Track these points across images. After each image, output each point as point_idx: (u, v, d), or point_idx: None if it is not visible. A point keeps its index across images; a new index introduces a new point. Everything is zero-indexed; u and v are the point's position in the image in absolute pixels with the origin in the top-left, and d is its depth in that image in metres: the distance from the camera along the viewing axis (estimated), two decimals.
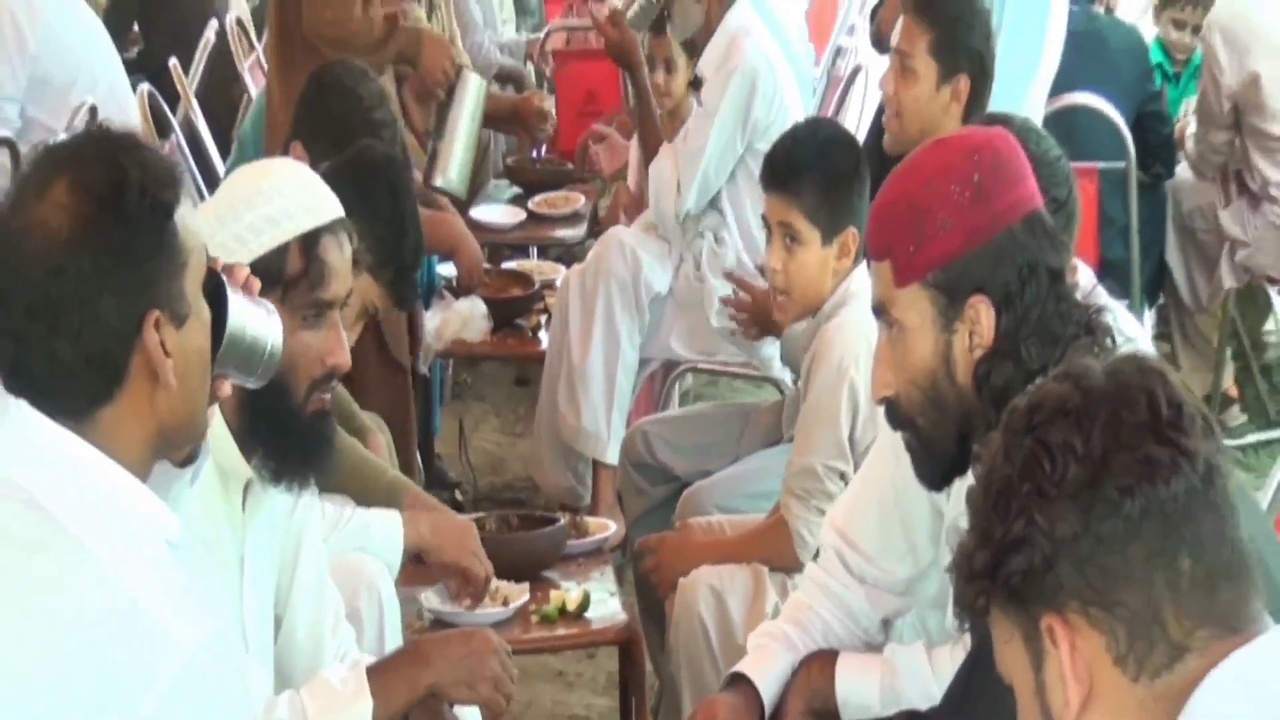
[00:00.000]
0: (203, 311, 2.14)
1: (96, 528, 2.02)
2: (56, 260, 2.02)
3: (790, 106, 5.32)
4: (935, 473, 2.72)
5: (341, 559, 3.17)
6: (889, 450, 3.16)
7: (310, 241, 2.78)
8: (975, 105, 4.12)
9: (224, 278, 2.24)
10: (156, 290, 2.06)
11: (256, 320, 2.30)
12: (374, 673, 2.87)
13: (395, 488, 3.76)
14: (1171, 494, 1.63)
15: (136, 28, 7.74)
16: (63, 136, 5.13)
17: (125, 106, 6.29)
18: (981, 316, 2.51)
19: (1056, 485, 1.65)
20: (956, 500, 3.06)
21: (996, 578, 1.68)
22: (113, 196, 2.03)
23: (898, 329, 2.57)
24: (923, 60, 4.10)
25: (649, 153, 5.49)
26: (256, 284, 2.38)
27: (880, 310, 2.60)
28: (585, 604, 3.82)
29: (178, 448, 2.21)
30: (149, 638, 1.96)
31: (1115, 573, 1.63)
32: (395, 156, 4.15)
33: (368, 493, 3.70)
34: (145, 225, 2.05)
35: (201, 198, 5.80)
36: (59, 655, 1.94)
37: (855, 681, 3.02)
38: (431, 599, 3.73)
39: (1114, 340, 2.58)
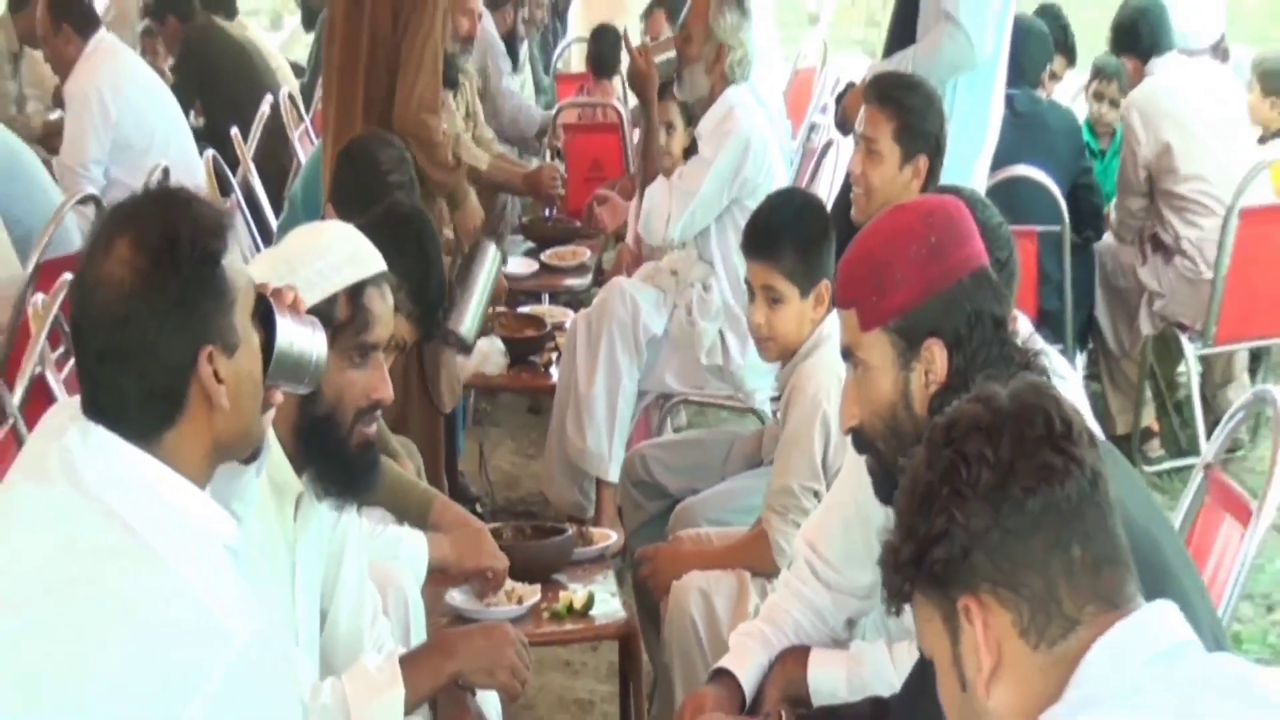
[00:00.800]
0: (251, 338, 2.16)
1: (164, 535, 2.03)
2: (121, 310, 2.04)
3: (775, 172, 5.35)
4: (892, 491, 2.73)
5: (374, 565, 3.16)
6: (852, 474, 3.18)
7: (356, 292, 2.80)
8: (931, 178, 4.14)
9: (272, 302, 2.26)
10: (209, 327, 2.08)
11: (302, 337, 2.31)
12: (405, 661, 2.87)
13: (426, 499, 3.77)
14: (1065, 494, 1.71)
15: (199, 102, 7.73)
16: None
17: (193, 169, 6.33)
18: (936, 357, 2.53)
19: (971, 488, 1.72)
20: None
21: (921, 566, 1.75)
22: (167, 251, 2.05)
23: (863, 368, 2.58)
24: (887, 145, 4.10)
25: (648, 174, 5.50)
26: (303, 303, 2.39)
27: (848, 353, 2.61)
28: (590, 603, 3.83)
29: (236, 456, 2.22)
30: (206, 632, 1.96)
31: (1020, 560, 1.70)
32: (422, 211, 4.16)
33: (402, 505, 3.72)
34: (196, 274, 2.06)
35: (257, 248, 5.84)
36: (126, 651, 1.94)
37: (825, 672, 3.04)
38: (455, 597, 3.74)
39: (1049, 378, 2.60)
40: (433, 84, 5.11)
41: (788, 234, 3.86)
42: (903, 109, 4.15)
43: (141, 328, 2.04)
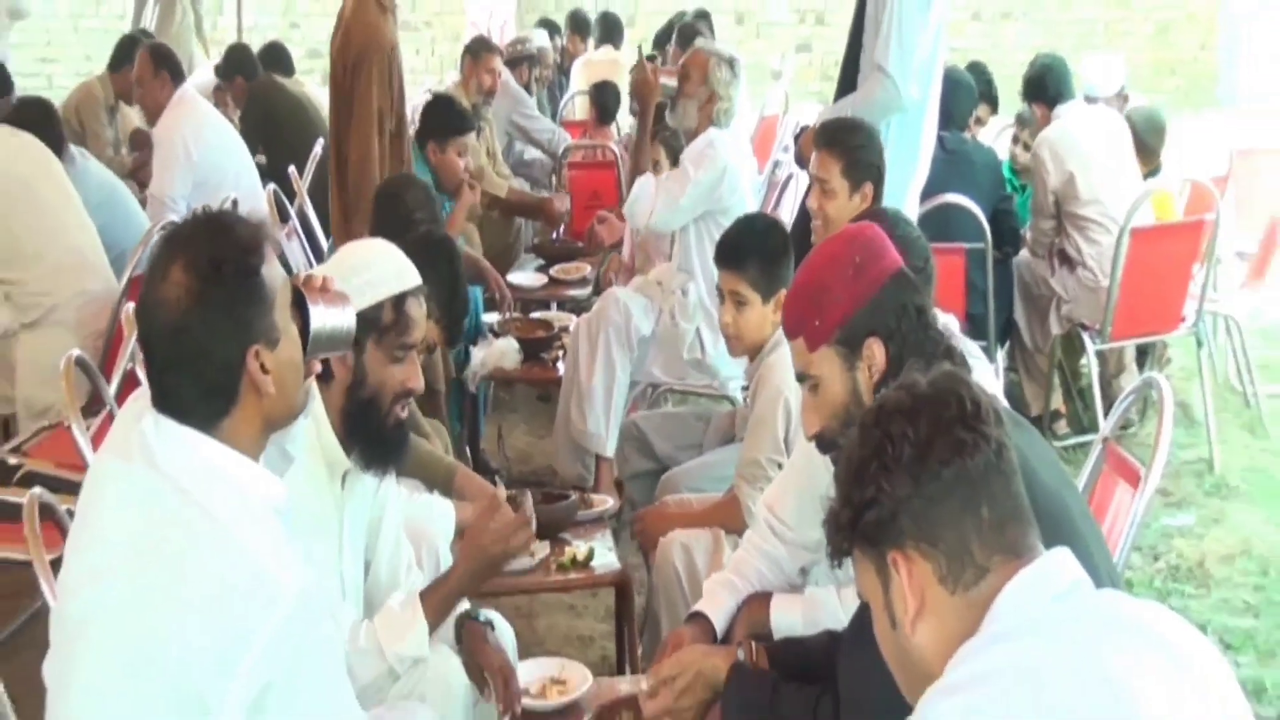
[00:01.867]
0: (290, 329, 2.17)
1: (224, 506, 2.04)
2: (178, 324, 2.06)
3: (745, 198, 5.34)
4: None
5: (410, 526, 3.17)
6: (804, 453, 3.22)
7: (400, 301, 2.86)
8: (876, 199, 4.16)
9: (304, 291, 2.28)
10: (254, 329, 2.10)
11: (332, 316, 2.32)
12: (425, 595, 2.91)
13: (450, 471, 3.78)
14: (975, 465, 1.73)
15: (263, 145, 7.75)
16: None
17: (257, 200, 6.35)
18: (875, 353, 2.56)
19: (896, 461, 1.75)
20: None
21: (856, 527, 1.78)
22: (213, 271, 2.06)
23: (816, 384, 2.60)
24: (837, 181, 4.13)
25: (639, 167, 5.49)
26: (332, 281, 2.42)
27: (802, 377, 2.63)
28: (590, 556, 3.85)
29: (285, 425, 2.24)
30: (260, 591, 1.97)
31: (938, 520, 1.72)
32: (449, 239, 4.18)
33: (431, 476, 3.73)
34: (239, 287, 2.08)
35: (310, 265, 5.84)
36: (193, 609, 1.96)
37: (785, 613, 3.06)
38: None
39: (963, 358, 2.62)
40: (366, 132, 5.28)
41: (753, 249, 3.87)
42: (846, 148, 4.17)
43: (196, 338, 2.06)
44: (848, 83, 5.15)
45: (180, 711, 1.95)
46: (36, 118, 5.67)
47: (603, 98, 9.25)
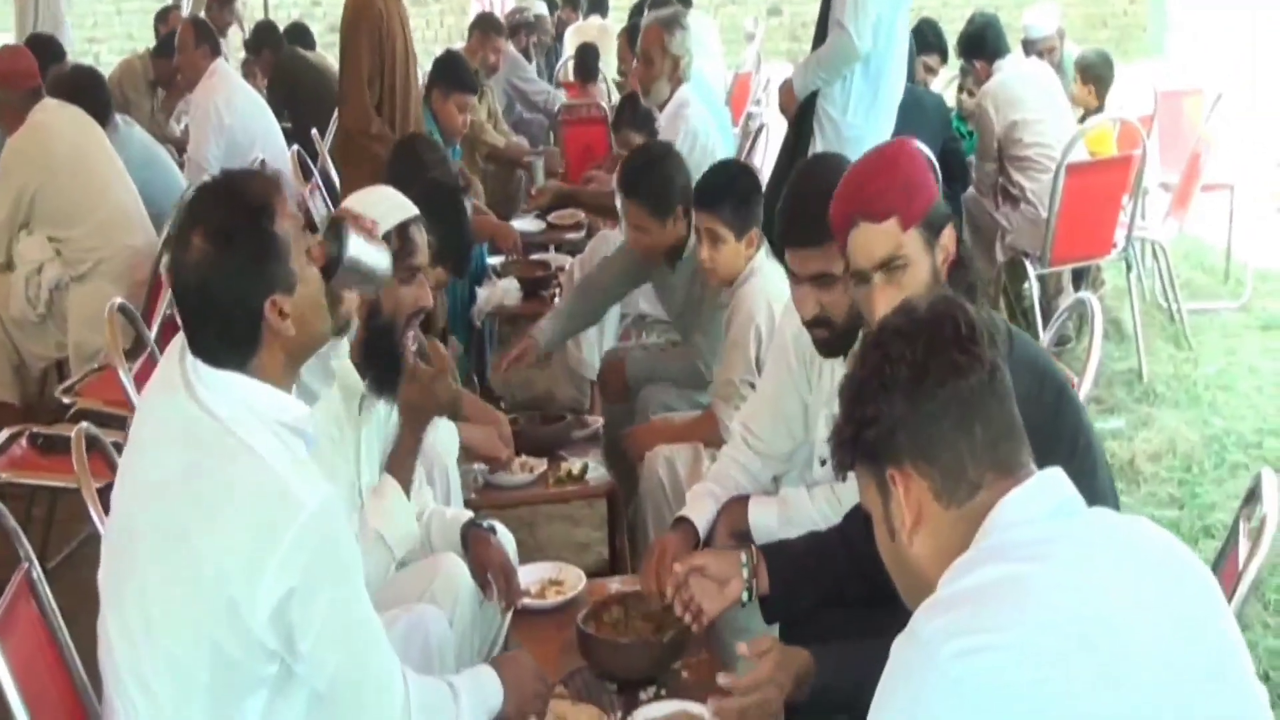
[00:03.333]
0: (308, 271, 2.14)
1: (253, 431, 2.05)
2: (200, 284, 2.06)
3: (715, 152, 5.28)
4: None
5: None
6: (774, 372, 3.19)
7: (403, 229, 2.86)
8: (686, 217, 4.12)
9: (348, 223, 2.29)
10: (270, 280, 2.08)
11: (370, 253, 2.29)
12: (389, 471, 2.89)
13: (457, 395, 3.75)
14: (970, 386, 1.65)
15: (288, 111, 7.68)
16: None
17: (282, 160, 6.29)
18: (948, 238, 2.42)
19: (894, 382, 1.67)
20: (816, 396, 3.07)
21: (857, 444, 1.71)
22: (225, 237, 2.05)
23: (904, 264, 2.38)
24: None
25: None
26: (375, 224, 2.45)
27: (886, 261, 2.39)
28: (584, 471, 3.84)
29: (314, 353, 2.24)
30: (285, 502, 1.99)
31: (934, 438, 1.65)
32: (455, 185, 4.13)
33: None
34: (252, 245, 2.07)
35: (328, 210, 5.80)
36: (228, 519, 1.99)
37: (762, 512, 3.04)
38: (482, 469, 3.75)
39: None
40: (356, 83, 5.21)
41: (726, 191, 3.80)
42: (647, 194, 4.14)
43: (217, 296, 2.06)
44: (819, 44, 5.11)
45: (215, 616, 1.99)
46: (87, 84, 5.68)
47: (583, 58, 9.26)
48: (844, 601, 2.51)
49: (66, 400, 4.46)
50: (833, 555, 2.58)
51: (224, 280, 2.05)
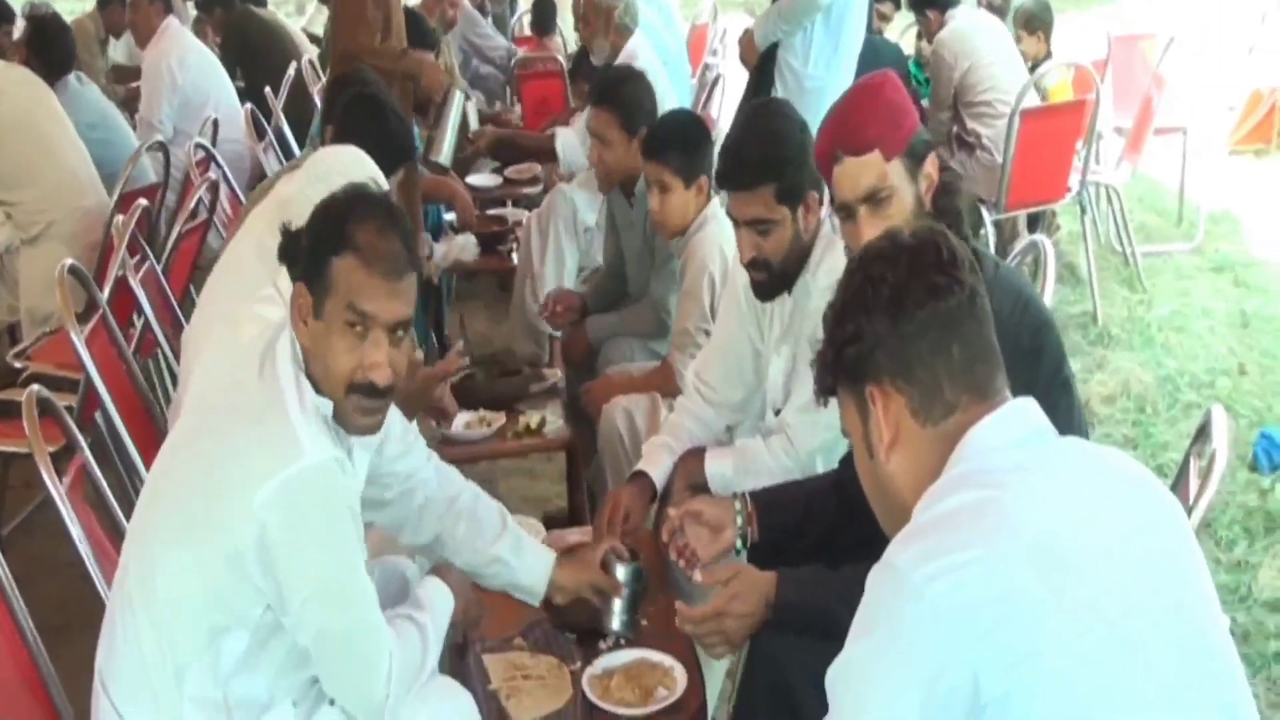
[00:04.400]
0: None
1: (290, 390, 2.12)
2: None
3: (665, 101, 5.22)
4: None
5: None
6: (725, 321, 3.17)
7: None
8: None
9: None
10: None
11: None
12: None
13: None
14: (949, 307, 1.67)
15: (241, 69, 7.56)
16: (197, 139, 5.08)
17: (236, 119, 6.21)
18: (931, 166, 2.41)
19: (875, 302, 1.69)
20: (767, 341, 3.05)
21: (839, 363, 1.72)
22: None
23: (889, 195, 2.38)
24: (615, 134, 4.04)
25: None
26: None
27: (871, 193, 2.39)
28: (542, 424, 3.82)
29: None
30: (286, 445, 2.03)
31: (912, 357, 1.66)
32: (375, 91, 3.97)
33: None
34: None
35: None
36: (232, 429, 2.09)
37: (718, 463, 3.03)
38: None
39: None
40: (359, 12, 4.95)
41: (675, 140, 3.76)
42: (619, 103, 4.11)
43: None
44: None
45: (211, 527, 2.05)
46: (53, 32, 5.61)
47: (539, 11, 9.15)
48: (835, 551, 2.51)
49: (18, 365, 4.39)
50: (825, 504, 2.59)
51: None
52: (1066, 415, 1.76)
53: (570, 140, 5.32)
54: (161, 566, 2.10)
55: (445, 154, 5.16)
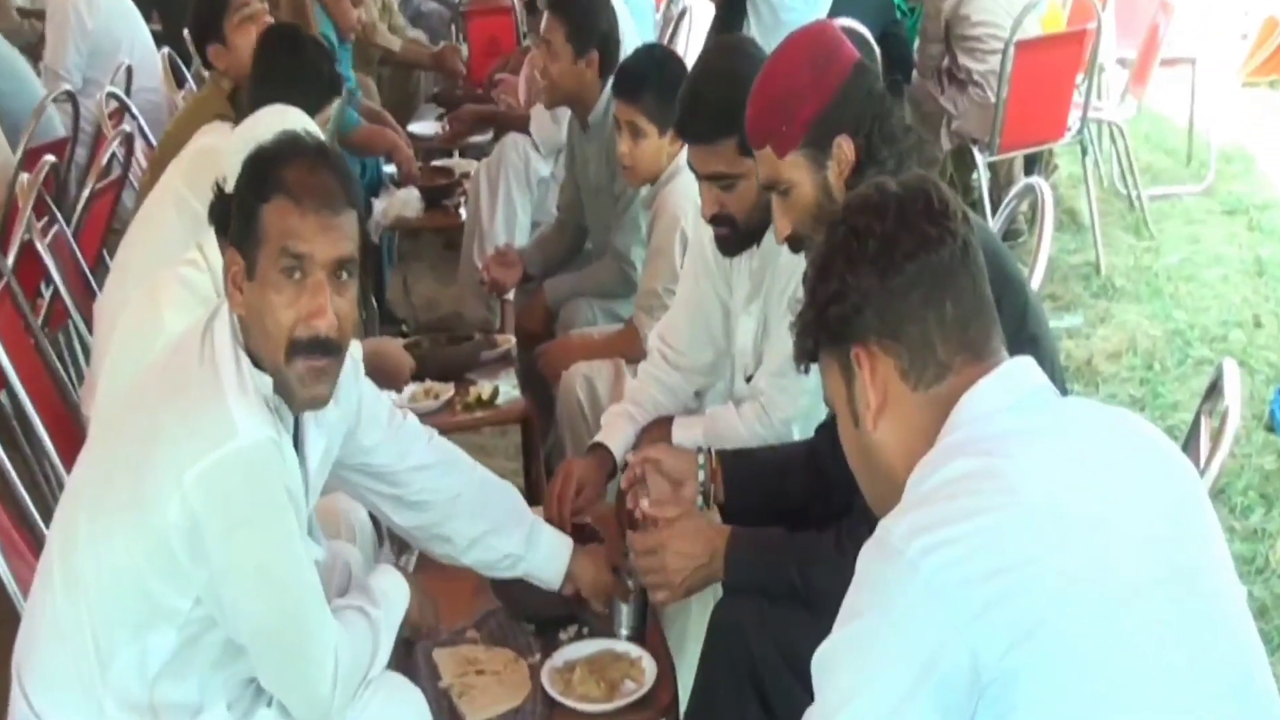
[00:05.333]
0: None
1: (228, 370, 2.12)
2: None
3: (627, 41, 5.18)
4: None
5: None
6: (691, 277, 3.16)
7: None
8: (604, 67, 4.12)
9: None
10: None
11: None
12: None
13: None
14: (940, 259, 1.66)
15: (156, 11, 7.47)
16: (109, 88, 5.02)
17: (153, 66, 6.13)
18: (844, 149, 2.41)
19: (861, 254, 1.67)
20: (736, 299, 3.04)
21: (821, 323, 1.71)
22: None
23: (787, 189, 2.45)
24: (561, 45, 4.11)
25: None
26: None
27: (771, 185, 2.48)
28: (495, 395, 3.80)
29: None
30: (220, 425, 2.03)
31: (901, 314, 1.65)
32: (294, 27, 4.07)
33: None
34: None
35: None
36: (164, 427, 2.06)
37: (685, 432, 3.04)
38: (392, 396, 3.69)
39: (922, 135, 2.53)
40: None
41: (650, 80, 3.71)
42: (572, 13, 4.11)
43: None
44: None
45: (139, 510, 2.04)
46: None
47: None
48: (807, 520, 2.52)
49: None
50: (797, 470, 2.59)
51: None
52: None
53: (543, 118, 5.26)
54: (88, 549, 2.10)
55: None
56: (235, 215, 2.17)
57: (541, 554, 2.68)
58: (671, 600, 2.54)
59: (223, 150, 2.90)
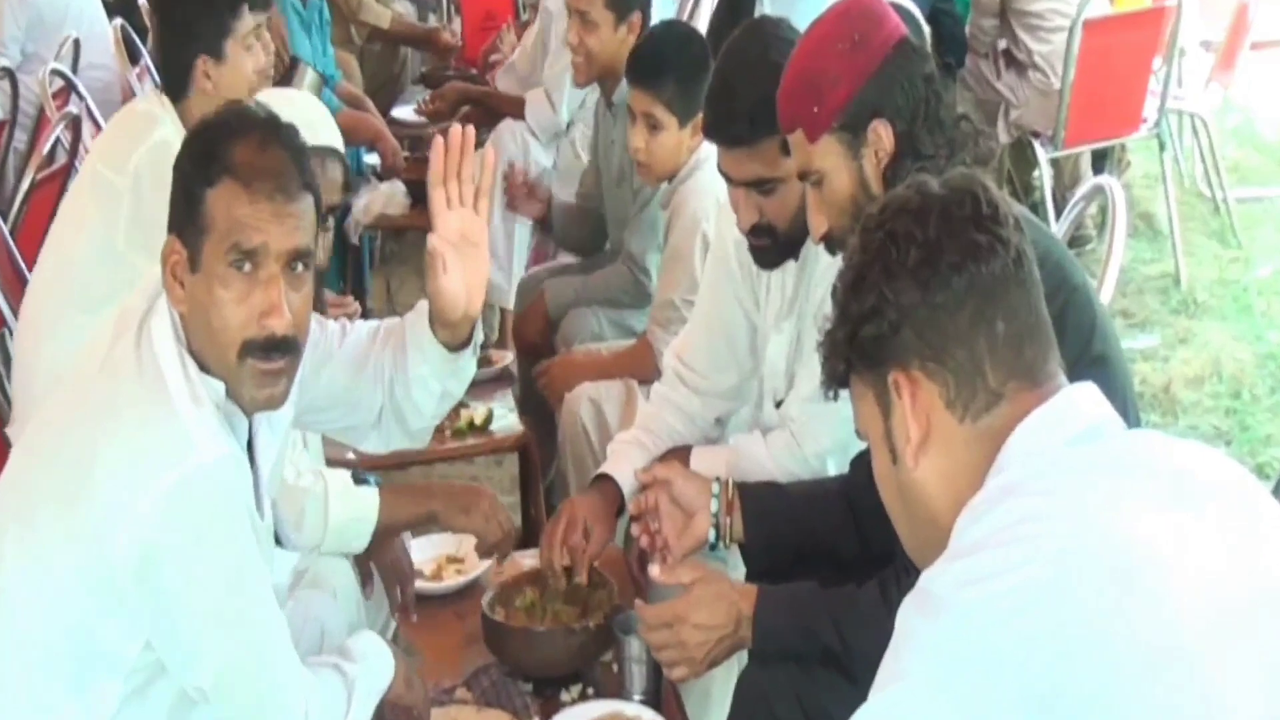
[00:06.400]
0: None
1: (174, 378, 2.09)
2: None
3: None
4: None
5: None
6: (712, 288, 3.15)
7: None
8: (643, 28, 4.19)
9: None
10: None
11: None
12: (385, 490, 2.83)
13: None
14: (990, 271, 1.64)
15: None
16: (53, 65, 5.04)
17: (103, 39, 6.15)
18: (882, 135, 2.40)
19: (900, 265, 1.65)
20: (765, 314, 3.04)
21: (854, 344, 1.69)
22: None
23: (820, 178, 2.44)
24: (599, 12, 4.17)
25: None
26: None
27: (804, 174, 2.47)
28: (489, 419, 3.81)
29: None
30: (176, 444, 2.03)
31: (947, 334, 1.63)
32: None
33: None
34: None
35: None
36: (110, 443, 2.04)
37: (707, 466, 2.99)
38: None
39: (987, 140, 2.52)
40: None
41: (670, 64, 3.72)
42: None
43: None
44: None
45: (79, 550, 2.03)
46: None
47: None
48: (838, 561, 2.51)
49: None
50: (828, 506, 2.58)
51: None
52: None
53: (540, 104, 5.27)
54: (13, 597, 2.08)
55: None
56: (175, 198, 2.16)
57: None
58: (692, 677, 2.52)
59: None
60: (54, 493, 2.08)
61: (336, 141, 2.87)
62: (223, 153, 2.11)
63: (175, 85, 3.43)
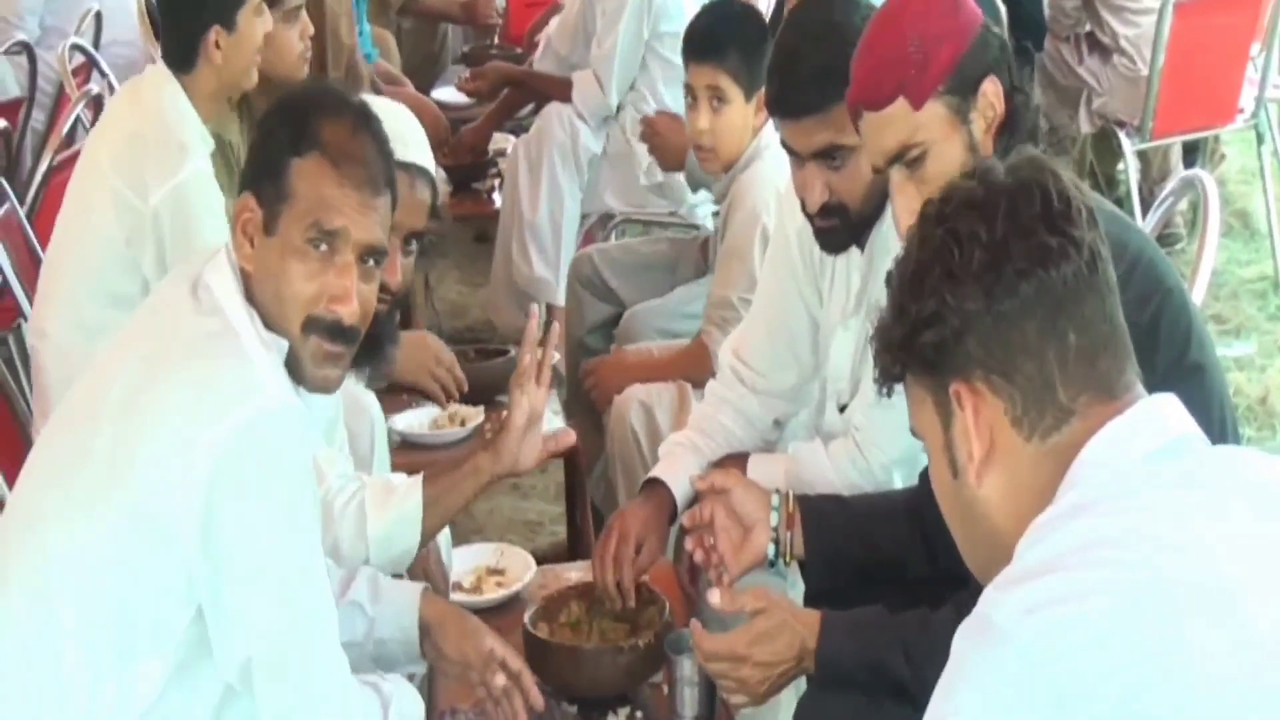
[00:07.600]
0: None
1: (244, 329, 2.18)
2: None
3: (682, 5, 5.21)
4: None
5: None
6: (771, 283, 3.14)
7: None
8: None
9: None
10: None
11: None
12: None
13: None
14: (1061, 277, 1.62)
15: None
16: (74, 39, 5.09)
17: (126, 12, 6.19)
18: (992, 96, 2.37)
19: (964, 268, 1.63)
20: (829, 309, 3.04)
21: (911, 349, 1.68)
22: None
23: (924, 152, 2.37)
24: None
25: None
26: None
27: (902, 152, 2.38)
28: None
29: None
30: (244, 385, 2.09)
31: (1013, 345, 1.62)
32: None
33: None
34: None
35: None
36: (175, 369, 2.12)
37: (764, 473, 2.99)
38: (397, 423, 3.71)
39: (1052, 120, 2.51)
40: None
41: (731, 35, 3.74)
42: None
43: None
44: None
45: (138, 509, 2.06)
46: None
47: None
48: (905, 581, 2.51)
49: None
50: (894, 520, 2.58)
51: None
52: (1200, 414, 1.72)
53: (589, 86, 5.29)
54: (57, 554, 2.10)
55: None
56: (257, 157, 2.27)
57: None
58: (753, 706, 2.52)
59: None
60: (107, 442, 2.11)
61: (428, 162, 2.85)
62: (314, 127, 2.22)
63: (182, 57, 3.48)
